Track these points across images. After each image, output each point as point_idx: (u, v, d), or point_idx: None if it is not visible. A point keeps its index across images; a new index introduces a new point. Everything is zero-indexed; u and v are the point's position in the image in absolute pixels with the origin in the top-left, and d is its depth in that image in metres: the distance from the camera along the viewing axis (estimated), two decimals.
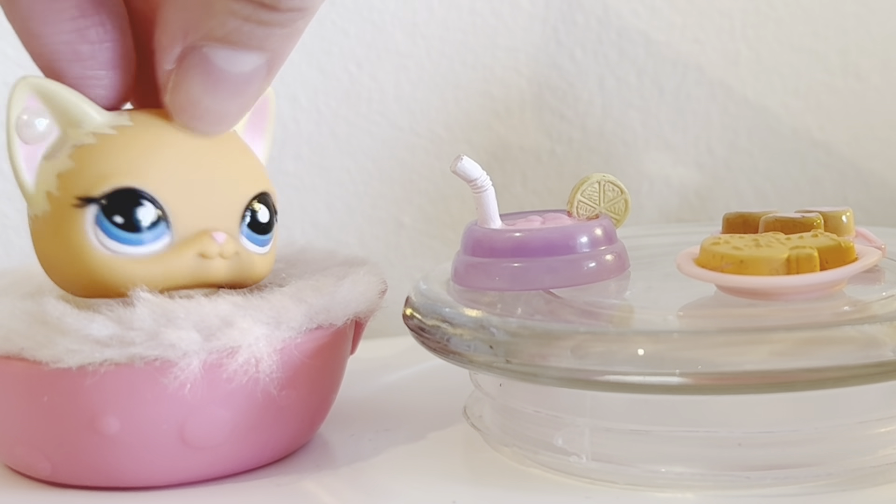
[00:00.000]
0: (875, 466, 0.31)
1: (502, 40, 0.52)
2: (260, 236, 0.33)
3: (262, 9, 0.29)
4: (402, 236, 0.52)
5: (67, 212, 0.31)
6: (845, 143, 0.55)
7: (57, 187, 0.31)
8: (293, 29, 0.30)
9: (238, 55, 0.30)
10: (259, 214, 0.33)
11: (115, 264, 0.31)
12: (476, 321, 0.32)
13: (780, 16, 0.54)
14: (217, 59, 0.30)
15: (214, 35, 0.30)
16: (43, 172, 0.31)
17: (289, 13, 0.30)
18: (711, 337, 0.30)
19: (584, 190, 0.35)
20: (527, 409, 0.33)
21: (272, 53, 0.31)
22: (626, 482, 0.31)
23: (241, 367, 0.31)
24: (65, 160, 0.31)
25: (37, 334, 0.31)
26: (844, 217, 0.36)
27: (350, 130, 0.51)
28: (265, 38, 0.30)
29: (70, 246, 0.31)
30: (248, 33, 0.30)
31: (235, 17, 0.30)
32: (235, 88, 0.31)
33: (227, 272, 0.32)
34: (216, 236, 0.32)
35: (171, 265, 0.31)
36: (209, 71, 0.31)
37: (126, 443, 0.31)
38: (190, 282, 0.32)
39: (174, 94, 0.31)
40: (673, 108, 0.53)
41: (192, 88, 0.31)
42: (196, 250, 0.32)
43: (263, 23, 0.30)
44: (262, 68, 0.31)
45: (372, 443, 0.35)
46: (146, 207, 0.31)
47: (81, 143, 0.31)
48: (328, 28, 0.50)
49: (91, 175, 0.31)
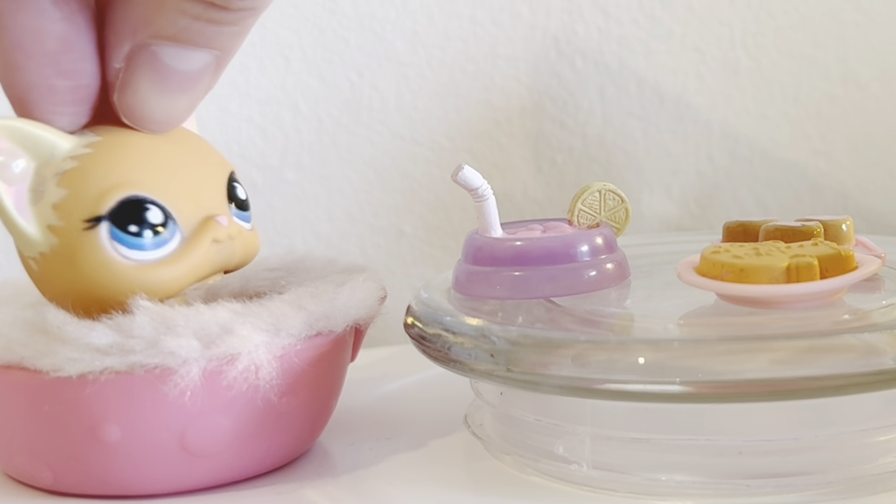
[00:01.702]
0: (875, 475, 0.31)
1: (503, 49, 0.52)
2: (244, 212, 0.34)
3: (212, 8, 0.29)
4: (403, 245, 0.52)
5: (78, 237, 0.31)
6: (845, 151, 0.55)
7: (58, 218, 0.31)
8: (242, 27, 0.30)
9: (187, 53, 0.31)
10: (238, 192, 0.34)
11: (139, 273, 0.31)
12: (477, 330, 0.32)
13: (779, 25, 0.54)
14: (166, 57, 0.31)
15: (163, 33, 0.30)
16: (36, 209, 0.31)
17: (239, 12, 0.30)
18: (712, 345, 0.30)
19: (585, 199, 0.35)
20: (527, 417, 0.33)
21: (221, 51, 0.31)
22: (627, 490, 0.31)
23: (240, 375, 0.31)
24: (55, 190, 0.31)
25: (37, 343, 0.31)
26: (844, 226, 0.36)
27: (351, 139, 0.51)
28: (214, 36, 0.30)
29: (90, 268, 0.31)
30: (197, 31, 0.30)
31: (185, 16, 0.30)
32: (184, 86, 0.31)
33: (234, 252, 0.33)
34: (220, 220, 0.32)
35: (190, 259, 0.32)
36: (158, 68, 0.31)
37: (127, 451, 0.31)
38: (208, 271, 0.32)
39: (122, 91, 0.31)
40: (673, 116, 0.53)
41: (141, 86, 0.31)
42: (209, 237, 0.32)
43: (213, 21, 0.30)
44: (210, 65, 0.31)
45: (373, 451, 0.35)
46: (152, 210, 0.31)
47: (63, 169, 0.31)
48: (329, 37, 0.51)
49: (90, 194, 0.31)
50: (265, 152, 0.51)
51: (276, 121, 0.51)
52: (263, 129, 0.50)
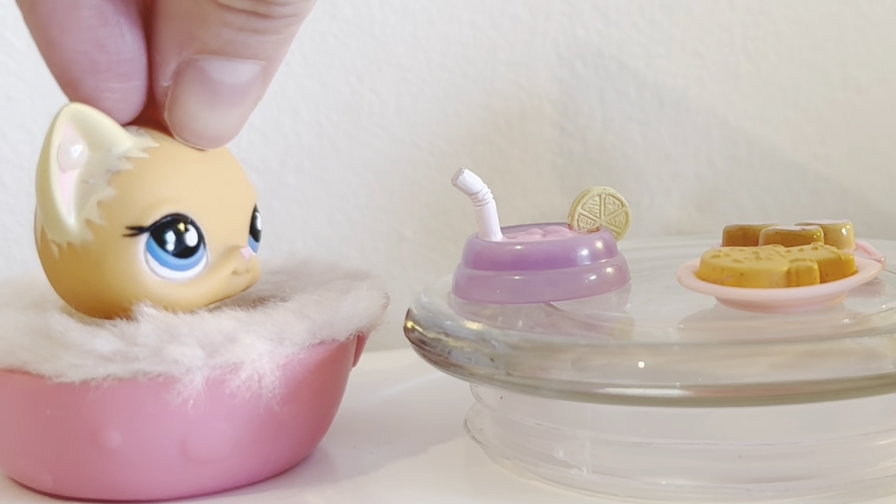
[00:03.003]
0: (875, 479, 0.31)
1: (503, 54, 0.52)
2: (255, 242, 0.34)
3: (255, 18, 0.29)
4: (404, 249, 0.52)
5: (116, 241, 0.31)
6: (845, 155, 0.55)
7: (100, 216, 0.31)
8: (287, 34, 0.30)
9: (234, 65, 0.30)
10: (257, 223, 0.34)
11: (164, 290, 0.31)
12: (477, 334, 0.32)
13: (779, 29, 0.54)
14: (214, 71, 0.30)
15: (209, 47, 0.30)
16: (81, 200, 0.31)
17: (282, 20, 0.30)
18: (712, 349, 0.30)
19: (585, 203, 0.35)
20: (528, 421, 0.33)
21: (267, 60, 0.31)
22: (627, 495, 0.31)
23: (244, 384, 0.31)
24: (104, 188, 0.31)
25: (40, 348, 0.31)
26: (844, 230, 0.36)
27: (351, 143, 0.51)
28: (260, 45, 0.30)
29: (119, 274, 0.31)
30: (242, 43, 0.30)
31: (229, 28, 0.30)
32: (234, 99, 0.31)
33: (246, 283, 0.33)
34: (244, 253, 0.32)
35: (209, 286, 0.32)
36: (207, 83, 0.31)
37: (128, 457, 0.31)
38: (220, 297, 0.32)
39: (173, 110, 0.31)
40: (673, 120, 0.53)
41: (191, 103, 0.31)
42: (230, 268, 0.32)
43: (257, 31, 0.30)
44: (258, 76, 0.31)
45: (373, 456, 0.35)
46: (191, 232, 0.31)
47: (118, 168, 0.31)
48: (329, 41, 0.51)
49: (138, 203, 0.31)
50: (265, 156, 0.51)
51: (277, 125, 0.51)
52: (264, 134, 0.50)
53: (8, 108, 0.47)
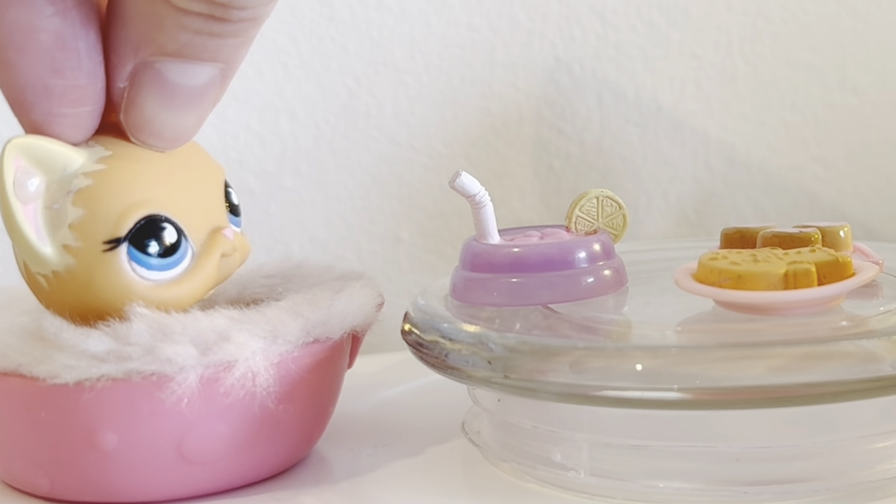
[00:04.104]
0: (874, 481, 0.31)
1: (500, 56, 0.52)
2: (236, 217, 0.34)
3: (212, 21, 0.29)
4: (401, 251, 0.52)
5: (97, 258, 0.31)
6: (843, 158, 0.55)
7: (75, 238, 0.31)
8: (246, 37, 0.30)
9: (192, 68, 0.30)
10: (232, 197, 0.34)
11: (157, 293, 0.31)
12: (474, 336, 0.32)
13: (777, 31, 0.54)
14: (170, 74, 0.30)
15: (166, 49, 0.30)
16: (51, 228, 0.31)
17: (240, 23, 0.29)
18: (710, 352, 0.30)
19: (583, 205, 0.35)
20: (525, 424, 0.33)
21: (225, 63, 0.30)
22: (625, 497, 0.31)
23: (238, 382, 0.31)
24: (71, 209, 0.31)
25: (33, 350, 0.31)
26: (842, 232, 0.36)
27: (348, 146, 0.51)
28: (218, 48, 0.30)
29: (108, 289, 0.31)
30: (200, 46, 0.30)
31: (187, 31, 0.29)
32: (191, 101, 0.31)
33: (237, 261, 0.33)
34: (226, 233, 0.32)
35: (202, 276, 0.32)
36: (163, 85, 0.30)
37: (124, 458, 0.31)
38: (215, 283, 0.33)
39: (129, 111, 0.31)
40: (671, 123, 0.53)
41: (147, 104, 0.31)
42: (218, 253, 0.32)
43: (215, 34, 0.29)
44: (216, 79, 0.31)
45: (370, 458, 0.35)
46: (168, 229, 0.31)
47: (78, 187, 0.31)
48: (327, 44, 0.51)
49: (108, 215, 0.31)
50: (262, 159, 0.51)
51: (274, 127, 0.51)
52: (261, 136, 0.50)
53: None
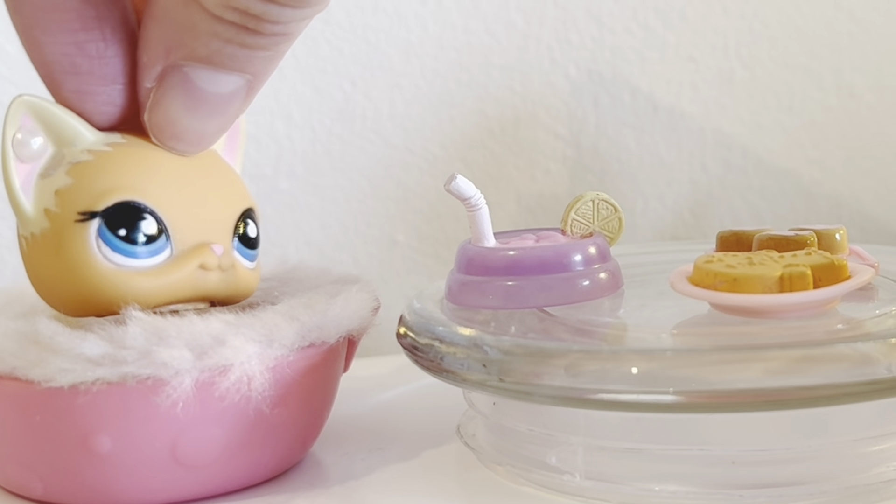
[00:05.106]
0: (869, 484, 0.31)
1: (497, 59, 0.52)
2: (249, 251, 0.34)
3: (245, 32, 0.29)
4: (396, 254, 0.52)
5: (69, 227, 0.31)
6: (839, 161, 0.55)
7: (56, 204, 0.31)
8: (275, 52, 0.30)
9: (219, 76, 0.31)
10: (249, 229, 0.34)
11: (118, 277, 0.31)
12: (469, 340, 0.32)
13: (773, 34, 0.54)
14: (198, 79, 0.31)
15: (196, 55, 0.30)
16: (40, 190, 0.31)
17: (272, 37, 0.30)
18: (705, 355, 0.30)
19: (579, 208, 0.35)
20: (520, 427, 0.33)
21: (253, 75, 0.31)
22: (620, 501, 0.31)
23: (233, 386, 0.31)
24: (62, 177, 0.31)
25: (28, 353, 0.31)
26: (838, 235, 0.36)
27: (344, 148, 0.51)
28: (247, 60, 0.30)
29: (72, 260, 0.31)
30: (230, 55, 0.30)
31: (218, 39, 0.30)
32: (215, 108, 0.31)
33: (222, 285, 0.33)
34: (215, 248, 0.32)
35: (172, 277, 0.32)
36: (189, 90, 0.31)
37: (118, 462, 0.31)
38: (189, 295, 0.32)
39: (153, 111, 0.31)
40: (667, 126, 0.53)
41: (172, 107, 0.31)
42: (197, 262, 0.32)
43: (246, 45, 0.30)
44: (242, 89, 0.31)
45: (365, 462, 0.35)
46: (148, 220, 0.31)
47: (78, 160, 0.31)
48: (323, 47, 0.51)
49: (92, 190, 0.31)
50: (258, 162, 0.51)
51: (270, 130, 0.51)
52: (257, 139, 0.50)
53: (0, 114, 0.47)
